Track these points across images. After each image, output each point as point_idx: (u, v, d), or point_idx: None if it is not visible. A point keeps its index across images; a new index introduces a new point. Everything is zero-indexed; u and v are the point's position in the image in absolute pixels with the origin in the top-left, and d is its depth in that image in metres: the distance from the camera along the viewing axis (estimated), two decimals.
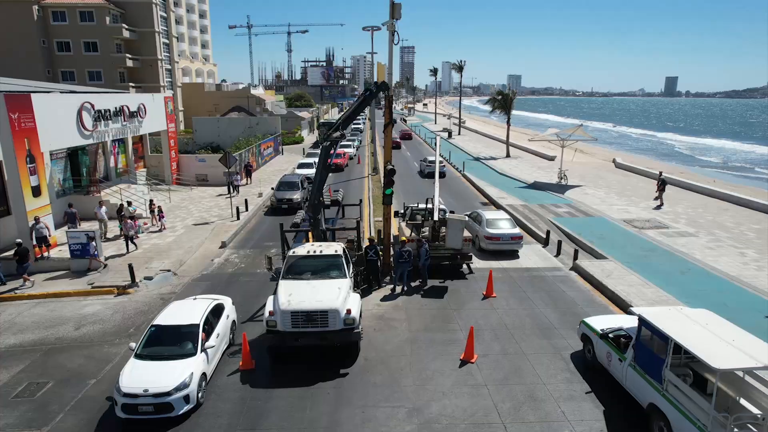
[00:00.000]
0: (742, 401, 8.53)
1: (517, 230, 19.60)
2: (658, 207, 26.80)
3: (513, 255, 19.30)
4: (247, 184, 33.09)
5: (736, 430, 7.75)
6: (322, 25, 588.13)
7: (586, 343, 11.74)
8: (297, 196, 26.19)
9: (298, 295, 11.73)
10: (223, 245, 20.61)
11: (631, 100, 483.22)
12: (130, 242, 19.34)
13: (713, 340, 8.46)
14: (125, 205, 21.52)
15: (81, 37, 56.79)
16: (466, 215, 20.18)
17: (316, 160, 33.00)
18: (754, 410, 8.26)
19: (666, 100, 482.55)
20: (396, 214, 19.27)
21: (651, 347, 9.36)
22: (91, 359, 11.95)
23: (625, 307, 14.05)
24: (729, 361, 7.88)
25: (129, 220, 19.41)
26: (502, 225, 19.56)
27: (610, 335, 10.81)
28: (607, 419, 9.66)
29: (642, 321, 9.61)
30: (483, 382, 10.90)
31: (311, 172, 31.46)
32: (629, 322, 10.85)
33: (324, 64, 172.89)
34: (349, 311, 11.46)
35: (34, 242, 17.41)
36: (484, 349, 12.21)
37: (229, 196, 26.65)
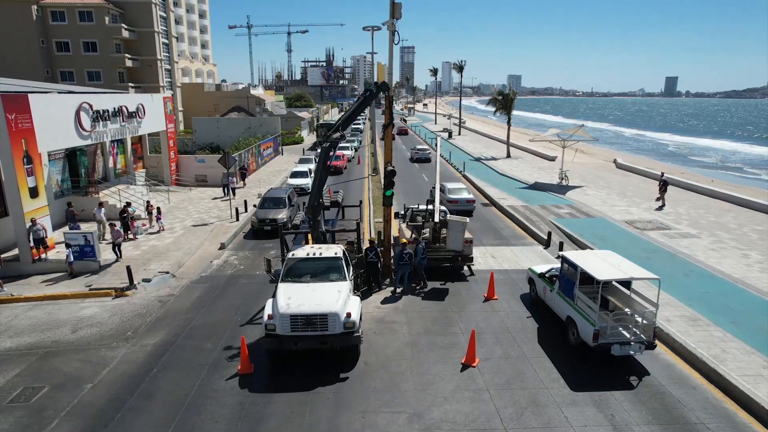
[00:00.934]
0: (627, 310, 12.10)
1: (471, 196, 26.21)
2: (660, 208, 26.66)
3: (467, 213, 24.68)
4: (242, 186, 32.42)
5: (614, 323, 11.44)
6: (322, 25, 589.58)
7: (531, 284, 15.35)
8: (283, 215, 22.21)
9: (297, 298, 11.59)
10: (222, 247, 20.47)
11: (631, 100, 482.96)
12: (117, 250, 18.38)
13: (605, 266, 12.08)
14: (126, 207, 21.35)
15: (80, 37, 56.65)
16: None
17: (311, 167, 32.22)
18: (626, 310, 12.06)
19: (666, 100, 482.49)
20: (396, 215, 19.13)
21: (570, 277, 12.63)
22: (87, 363, 11.80)
23: None
24: (608, 275, 11.60)
25: (117, 228, 18.68)
26: (460, 193, 26.01)
27: (547, 275, 14.35)
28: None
29: (563, 259, 13.14)
30: (485, 386, 10.76)
31: (305, 182, 30.41)
32: (559, 265, 14.09)
33: (324, 64, 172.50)
34: (349, 314, 11.33)
35: (32, 244, 17.28)
36: (485, 353, 12.08)
37: (225, 198, 26.42)
